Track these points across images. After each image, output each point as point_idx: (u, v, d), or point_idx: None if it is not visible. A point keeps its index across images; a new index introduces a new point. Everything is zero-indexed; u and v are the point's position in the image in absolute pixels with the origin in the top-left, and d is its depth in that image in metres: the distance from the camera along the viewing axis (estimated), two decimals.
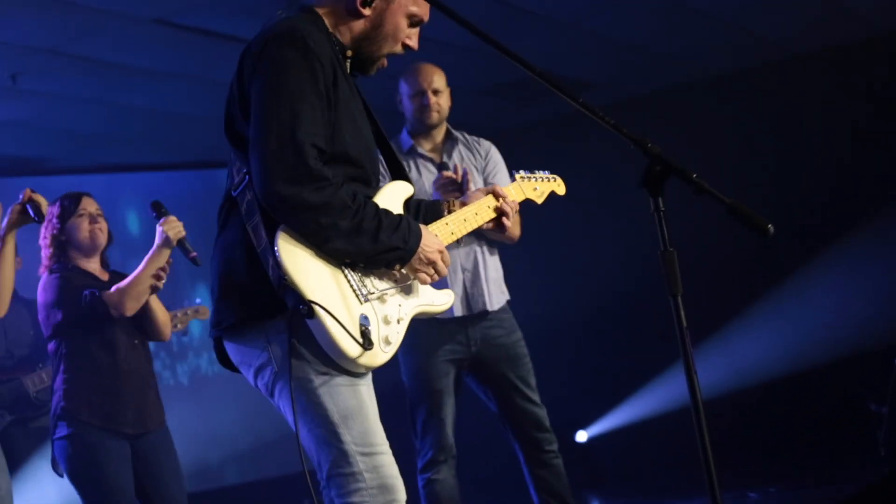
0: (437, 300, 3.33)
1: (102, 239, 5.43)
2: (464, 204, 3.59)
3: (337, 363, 2.99)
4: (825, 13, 7.97)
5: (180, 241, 5.18)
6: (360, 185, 3.15)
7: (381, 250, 3.04)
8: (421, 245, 3.12)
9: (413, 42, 3.31)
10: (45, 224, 5.39)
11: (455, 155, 5.41)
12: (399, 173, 3.49)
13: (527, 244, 5.59)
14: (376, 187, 3.29)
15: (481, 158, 5.46)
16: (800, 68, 8.90)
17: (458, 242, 5.13)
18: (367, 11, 3.21)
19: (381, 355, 3.04)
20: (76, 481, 5.18)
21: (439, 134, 5.46)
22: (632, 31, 7.92)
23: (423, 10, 3.27)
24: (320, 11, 3.24)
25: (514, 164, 5.43)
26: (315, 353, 2.99)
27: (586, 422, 9.62)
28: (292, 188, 2.90)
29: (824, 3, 7.75)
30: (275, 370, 3.04)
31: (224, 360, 3.25)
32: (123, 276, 5.28)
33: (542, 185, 4.00)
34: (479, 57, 6.96)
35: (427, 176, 5.32)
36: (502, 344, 5.32)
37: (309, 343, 2.98)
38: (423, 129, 5.42)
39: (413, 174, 5.32)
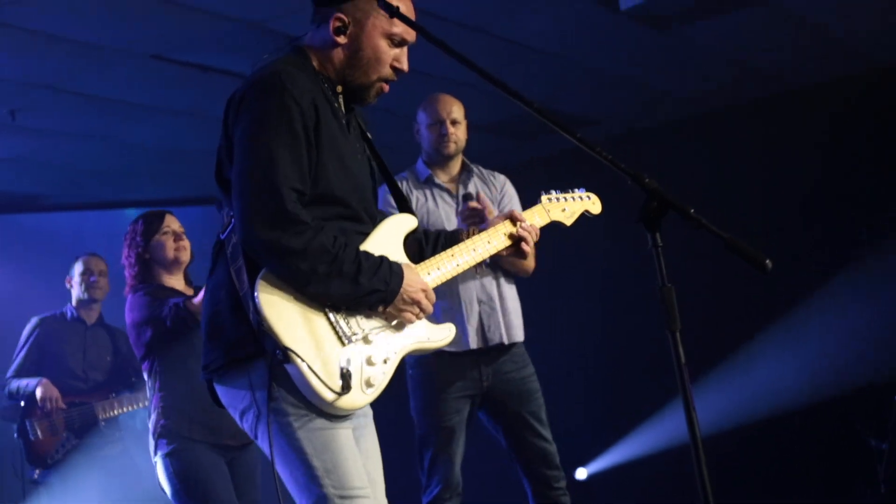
0: (435, 336, 3.32)
1: (186, 256, 5.43)
2: (481, 231, 3.58)
3: (317, 406, 3.00)
4: (821, 48, 7.99)
5: None
6: (350, 223, 3.19)
7: (361, 293, 3.05)
8: (403, 285, 3.12)
9: (402, 63, 3.29)
10: (127, 243, 5.40)
11: (471, 186, 5.42)
12: (403, 206, 3.52)
13: (523, 280, 5.58)
14: (371, 223, 3.30)
15: (496, 191, 5.48)
16: (796, 103, 8.90)
17: (475, 273, 5.15)
18: (342, 39, 3.23)
19: (361, 398, 3.04)
20: (183, 499, 5.09)
21: (456, 165, 5.49)
22: (629, 67, 7.94)
23: (405, 29, 3.24)
24: (308, 50, 3.29)
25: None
26: (295, 397, 3.01)
27: (586, 459, 9.57)
28: (271, 233, 2.93)
29: (819, 37, 7.77)
30: (257, 413, 3.07)
31: (217, 401, 3.26)
32: None
33: (571, 206, 3.94)
34: (477, 93, 6.96)
35: (443, 206, 5.34)
36: (513, 379, 5.30)
37: (289, 387, 3.00)
38: (439, 159, 5.45)
39: (430, 204, 5.34)
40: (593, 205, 4.04)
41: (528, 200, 5.66)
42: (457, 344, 5.16)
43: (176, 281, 5.40)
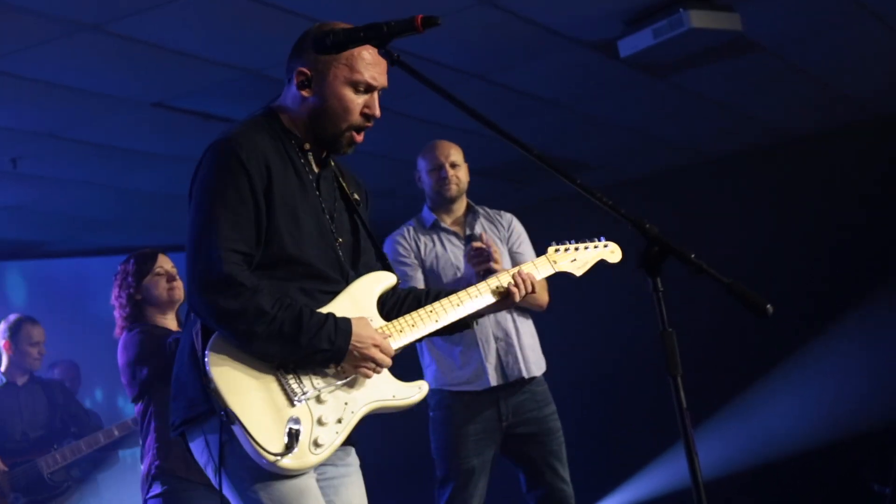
0: (401, 394, 3.25)
1: (180, 295, 5.32)
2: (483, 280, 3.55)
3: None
4: (822, 98, 8.04)
5: None
6: (314, 282, 3.19)
7: (304, 353, 3.04)
8: (352, 342, 3.08)
9: (372, 109, 3.29)
10: (118, 283, 5.35)
11: (478, 228, 5.45)
12: (384, 264, 3.50)
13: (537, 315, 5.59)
14: (344, 280, 3.29)
15: (504, 230, 5.50)
16: (797, 151, 8.95)
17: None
18: (306, 93, 3.25)
19: (308, 458, 3.01)
20: None
21: (460, 208, 5.52)
22: (629, 114, 7.98)
23: (370, 74, 3.24)
24: (278, 109, 3.33)
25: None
26: (246, 454, 3.01)
27: (589, 502, 9.53)
28: (209, 296, 2.99)
29: (821, 88, 7.81)
30: (214, 468, 3.09)
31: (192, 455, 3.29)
32: None
33: (583, 255, 3.87)
34: (476, 138, 6.99)
35: (452, 250, 5.36)
36: (535, 418, 5.29)
37: (239, 445, 3.01)
38: (443, 202, 5.47)
39: (438, 249, 5.36)
40: (612, 253, 3.94)
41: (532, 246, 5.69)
42: (478, 382, 5.20)
43: (169, 321, 5.33)
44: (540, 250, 5.53)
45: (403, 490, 9.79)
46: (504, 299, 3.50)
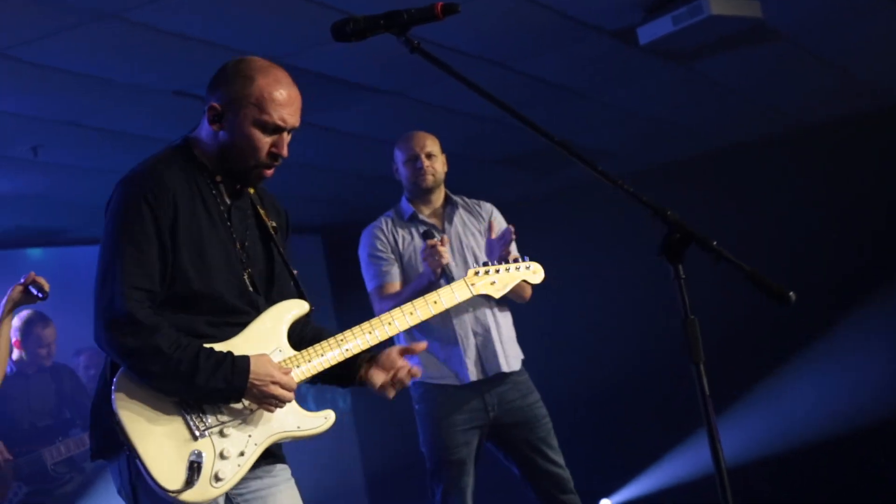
0: (306, 425, 3.29)
1: None
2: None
3: None
4: (842, 86, 8.00)
5: None
6: (222, 316, 3.24)
7: (202, 392, 3.10)
8: (250, 380, 3.11)
9: (280, 149, 3.28)
10: None
11: (456, 219, 5.45)
12: (299, 291, 3.49)
13: (547, 311, 5.61)
14: (255, 311, 3.32)
15: (484, 221, 5.46)
16: (817, 139, 8.92)
17: (469, 306, 5.16)
18: (216, 128, 3.29)
19: (209, 491, 3.07)
20: None
21: (438, 199, 5.51)
22: (649, 101, 7.96)
23: (279, 116, 3.25)
24: (193, 141, 3.38)
25: (534, 233, 5.44)
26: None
27: (610, 490, 9.54)
28: (108, 333, 3.08)
29: (840, 75, 7.78)
30: (128, 496, 3.17)
31: None
32: None
33: (504, 277, 3.91)
34: (497, 127, 7.01)
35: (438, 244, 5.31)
36: (519, 407, 5.29)
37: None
38: (419, 193, 5.47)
39: (416, 242, 5.35)
40: (534, 274, 4.05)
41: (546, 234, 5.68)
42: (458, 377, 5.24)
43: None
44: (554, 240, 5.57)
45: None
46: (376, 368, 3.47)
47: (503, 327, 5.35)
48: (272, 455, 3.32)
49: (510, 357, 5.32)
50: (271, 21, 5.66)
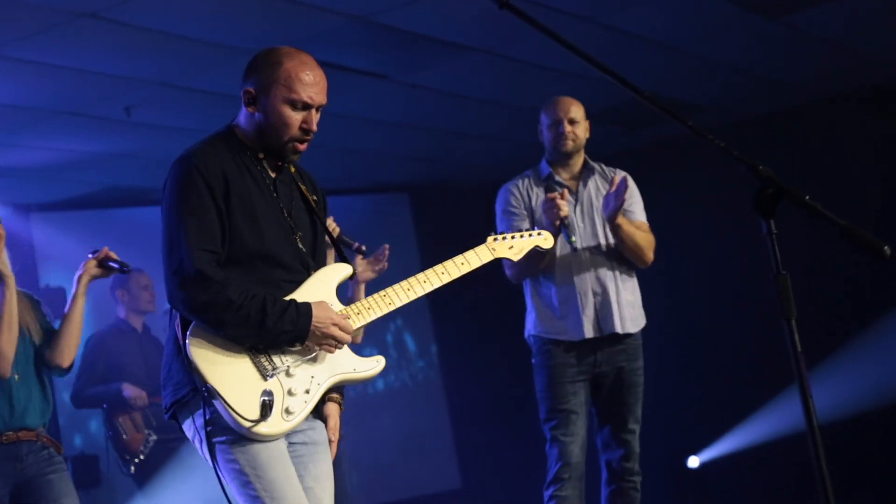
0: (361, 368, 3.68)
1: None
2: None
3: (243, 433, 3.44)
4: None
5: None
6: (278, 272, 3.62)
7: (271, 336, 3.46)
8: (313, 323, 3.50)
9: (310, 125, 3.64)
10: None
11: (591, 184, 5.65)
12: (341, 256, 3.99)
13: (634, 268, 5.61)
14: (306, 271, 3.72)
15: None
16: None
17: (592, 268, 5.48)
18: (252, 110, 3.67)
19: (282, 424, 3.45)
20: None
21: (577, 164, 5.68)
22: (741, 55, 7.86)
23: (307, 94, 3.61)
24: (235, 127, 3.75)
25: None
26: (225, 425, 3.45)
27: (699, 447, 9.51)
28: (182, 291, 3.43)
29: None
30: (200, 440, 3.53)
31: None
32: None
33: (519, 243, 4.26)
34: (583, 81, 6.95)
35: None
36: (624, 369, 5.51)
37: (219, 417, 3.44)
38: (559, 157, 5.64)
39: None
40: (544, 241, 4.38)
41: (639, 189, 5.68)
42: (573, 333, 5.47)
43: None
44: (642, 195, 5.60)
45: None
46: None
47: (623, 290, 5.54)
48: (317, 413, 3.71)
49: (626, 319, 5.51)
50: None
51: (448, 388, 10.99)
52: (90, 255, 5.09)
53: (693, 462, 9.52)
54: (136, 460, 7.24)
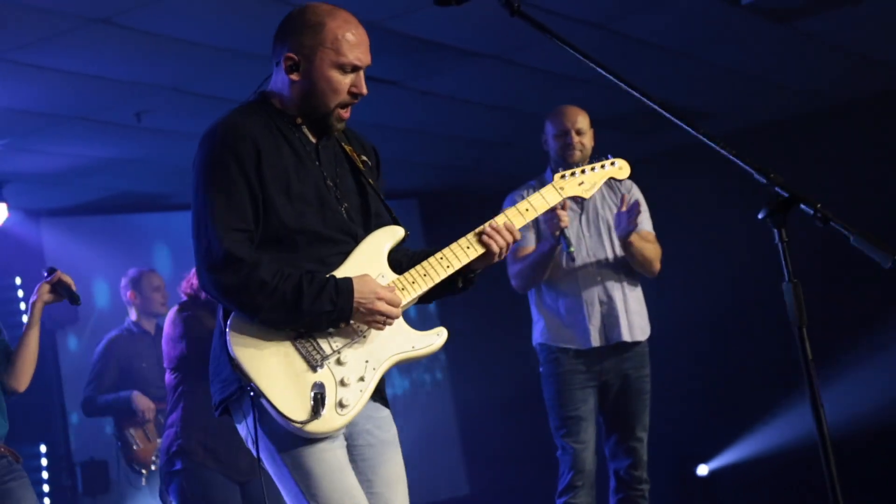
0: (420, 343, 3.35)
1: None
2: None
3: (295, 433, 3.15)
4: None
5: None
6: (322, 247, 3.30)
7: (310, 316, 3.15)
8: (356, 299, 3.17)
9: (359, 88, 3.36)
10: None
11: (596, 193, 5.45)
12: (392, 216, 3.54)
13: (645, 276, 5.61)
14: (354, 241, 3.37)
15: (619, 197, 5.59)
16: None
17: (598, 275, 5.40)
18: (295, 77, 3.36)
19: (335, 420, 3.14)
20: None
21: None
22: (750, 60, 7.84)
23: (354, 56, 3.33)
24: (269, 94, 3.47)
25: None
26: (277, 425, 3.16)
27: (708, 455, 9.49)
28: (212, 275, 3.17)
29: None
30: (252, 440, 3.22)
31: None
32: None
33: (590, 177, 3.87)
34: (593, 88, 6.94)
35: (568, 212, 5.39)
36: (631, 376, 5.52)
37: (270, 417, 3.15)
38: (565, 166, 5.48)
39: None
40: (619, 170, 3.97)
41: (644, 196, 5.67)
42: (580, 342, 5.48)
43: None
44: (652, 202, 5.60)
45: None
46: (483, 258, 3.49)
47: (630, 299, 5.54)
48: (382, 400, 3.41)
49: (634, 328, 5.51)
50: None
51: (456, 394, 11.00)
52: (45, 275, 4.98)
53: (702, 470, 9.50)
54: (146, 472, 7.20)
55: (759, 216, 2.55)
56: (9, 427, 4.83)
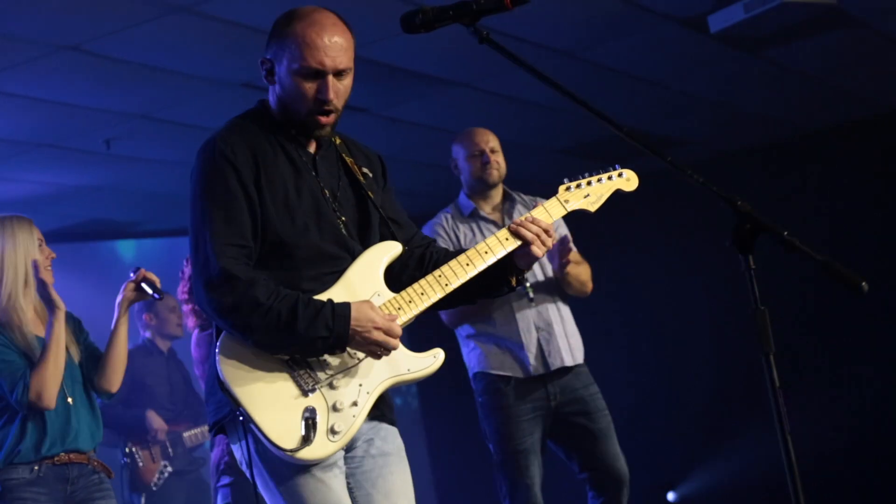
0: (416, 366, 3.21)
1: None
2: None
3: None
4: None
5: None
6: (320, 264, 3.18)
7: (304, 342, 3.02)
8: (352, 327, 3.02)
9: (322, 94, 3.15)
10: (186, 280, 5.59)
11: (516, 214, 5.39)
12: (389, 233, 3.40)
13: (613, 302, 5.60)
14: (348, 257, 3.24)
15: None
16: (888, 125, 8.79)
17: (530, 300, 5.20)
18: (270, 82, 3.27)
19: (327, 446, 3.02)
20: None
21: (498, 194, 5.51)
22: (720, 89, 7.89)
23: (316, 60, 3.14)
24: (266, 102, 3.34)
25: (601, 223, 5.41)
26: (271, 451, 3.04)
27: (677, 482, 9.50)
28: (208, 294, 3.03)
29: None
30: (247, 465, 3.12)
31: None
32: None
33: (597, 189, 3.66)
34: (565, 117, 6.98)
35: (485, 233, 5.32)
36: (581, 397, 5.28)
37: (262, 442, 3.04)
38: (483, 188, 5.46)
39: (478, 238, 5.32)
40: (627, 182, 3.76)
41: (614, 224, 5.66)
42: (520, 370, 5.24)
43: None
44: (621, 230, 5.56)
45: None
46: (524, 254, 3.34)
47: (566, 321, 5.37)
48: (382, 413, 3.26)
49: (574, 350, 5.33)
50: (340, 12, 5.67)
51: (427, 421, 10.95)
52: (131, 275, 5.00)
53: (671, 497, 9.51)
54: (148, 492, 7.08)
55: (726, 244, 2.55)
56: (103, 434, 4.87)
